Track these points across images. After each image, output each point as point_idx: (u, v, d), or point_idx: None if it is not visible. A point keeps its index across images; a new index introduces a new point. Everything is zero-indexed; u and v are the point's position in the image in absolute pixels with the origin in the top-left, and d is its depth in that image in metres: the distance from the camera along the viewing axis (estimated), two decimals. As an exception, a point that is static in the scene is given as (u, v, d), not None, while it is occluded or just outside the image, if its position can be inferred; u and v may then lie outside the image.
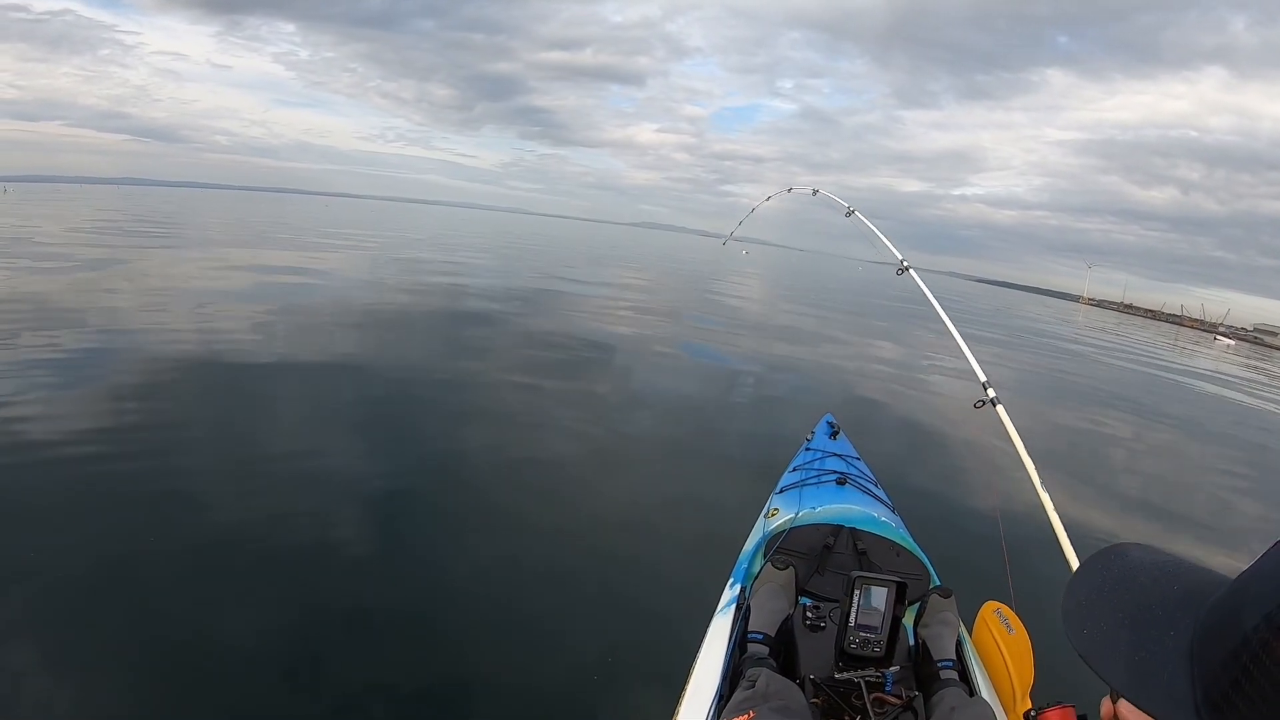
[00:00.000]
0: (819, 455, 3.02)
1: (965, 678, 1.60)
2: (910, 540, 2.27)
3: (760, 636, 1.63)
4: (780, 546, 2.13)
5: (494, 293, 13.69)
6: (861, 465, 3.00)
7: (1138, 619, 0.44)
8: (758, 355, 10.23)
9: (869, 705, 1.44)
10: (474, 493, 4.13)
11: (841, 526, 2.20)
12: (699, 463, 5.11)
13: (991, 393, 2.52)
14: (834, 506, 2.41)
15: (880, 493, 2.67)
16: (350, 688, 2.41)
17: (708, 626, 1.87)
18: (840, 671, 1.53)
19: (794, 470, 2.91)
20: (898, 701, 1.45)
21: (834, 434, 3.28)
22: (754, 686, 1.28)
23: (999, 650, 1.71)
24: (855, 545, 2.14)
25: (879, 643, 1.57)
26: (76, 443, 4.15)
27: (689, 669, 1.71)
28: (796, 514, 2.35)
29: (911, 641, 1.71)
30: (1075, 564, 1.89)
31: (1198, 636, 0.41)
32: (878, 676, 1.51)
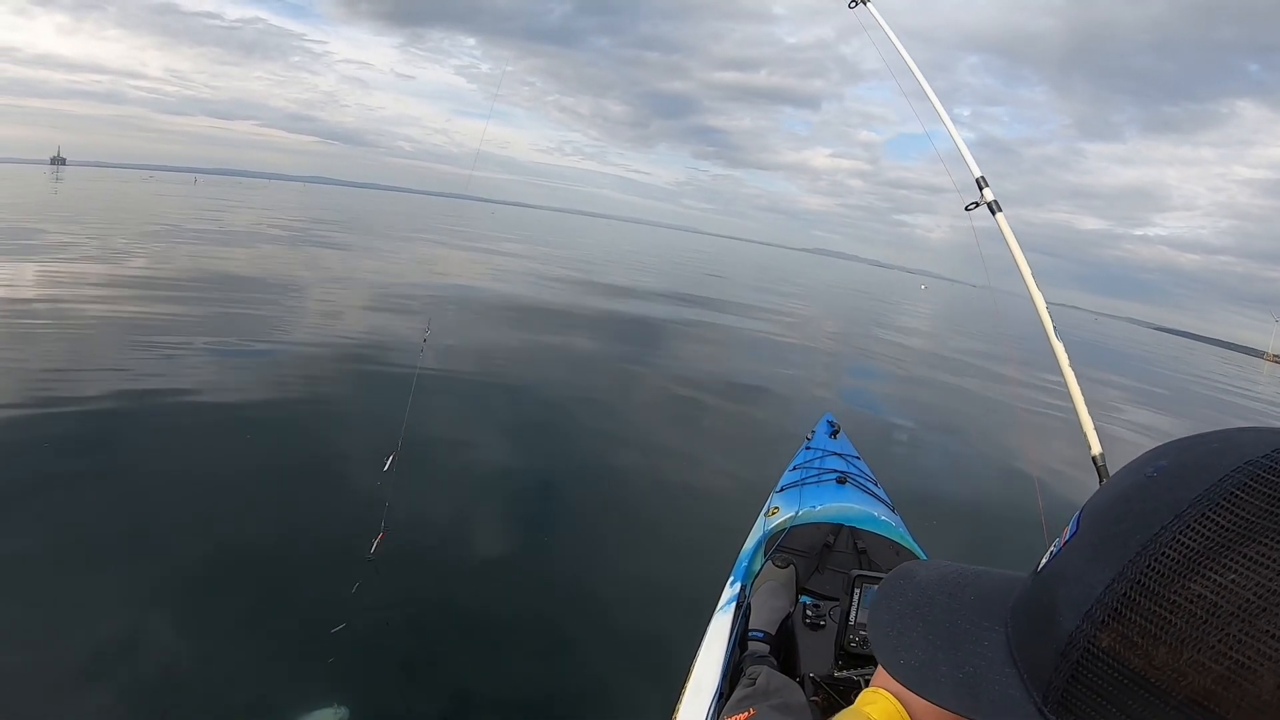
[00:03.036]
0: (819, 454, 3.02)
1: None
2: (910, 539, 2.27)
3: (760, 634, 1.63)
4: (780, 545, 2.13)
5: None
6: (861, 465, 3.00)
7: (948, 638, 0.45)
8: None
9: None
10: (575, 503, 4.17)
11: (842, 525, 2.20)
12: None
13: None
14: (834, 505, 2.42)
15: (880, 492, 2.67)
16: (456, 681, 2.49)
17: (708, 624, 1.88)
18: (840, 670, 1.53)
19: (794, 469, 2.92)
20: None
21: (834, 433, 3.29)
22: (754, 684, 1.28)
23: None
24: (855, 544, 2.14)
25: None
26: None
27: (689, 666, 1.72)
28: (797, 512, 2.35)
29: None
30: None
31: (1014, 642, 0.41)
32: None
